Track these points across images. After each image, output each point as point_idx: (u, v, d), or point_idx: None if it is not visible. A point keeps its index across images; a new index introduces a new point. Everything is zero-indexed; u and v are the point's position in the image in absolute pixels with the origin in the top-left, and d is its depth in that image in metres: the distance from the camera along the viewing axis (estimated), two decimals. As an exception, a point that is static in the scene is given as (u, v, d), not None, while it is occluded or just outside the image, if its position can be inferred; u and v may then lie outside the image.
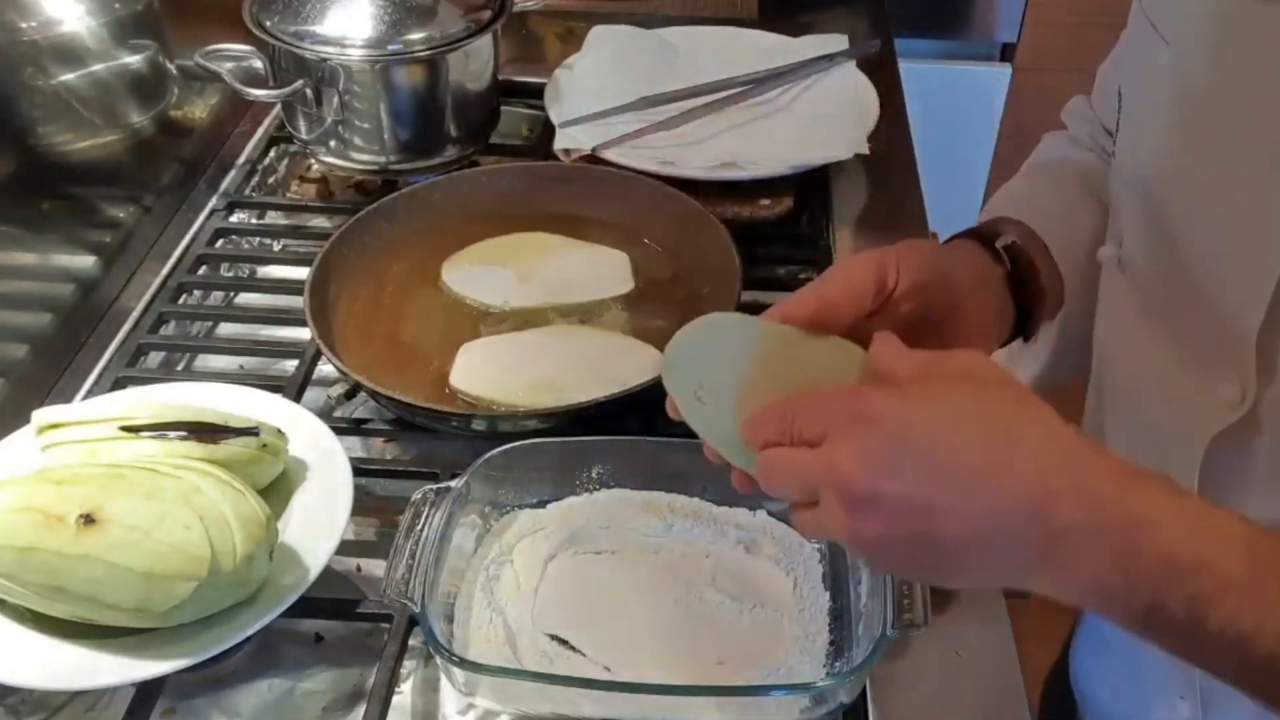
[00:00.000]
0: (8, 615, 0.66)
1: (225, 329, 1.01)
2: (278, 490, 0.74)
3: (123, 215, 1.05)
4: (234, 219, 1.10)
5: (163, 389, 0.82)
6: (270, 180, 1.18)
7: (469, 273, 0.97)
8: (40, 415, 0.75)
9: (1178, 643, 0.49)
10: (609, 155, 1.08)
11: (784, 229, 1.07)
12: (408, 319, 0.94)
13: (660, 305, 0.94)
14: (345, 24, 1.03)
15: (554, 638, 0.69)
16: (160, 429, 0.72)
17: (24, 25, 0.92)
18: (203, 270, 1.04)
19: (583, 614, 0.70)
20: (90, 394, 0.89)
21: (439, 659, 0.64)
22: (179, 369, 0.97)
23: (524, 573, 0.72)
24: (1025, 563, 0.50)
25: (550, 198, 1.04)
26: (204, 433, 0.72)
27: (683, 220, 0.98)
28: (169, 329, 0.98)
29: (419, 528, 0.68)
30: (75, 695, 0.71)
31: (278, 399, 0.82)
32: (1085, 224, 0.80)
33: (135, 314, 0.98)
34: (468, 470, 0.72)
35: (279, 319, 0.98)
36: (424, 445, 0.87)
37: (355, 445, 0.86)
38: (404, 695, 0.70)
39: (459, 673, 0.64)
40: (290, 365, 0.92)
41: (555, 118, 1.14)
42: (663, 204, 1.00)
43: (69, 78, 0.97)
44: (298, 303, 0.89)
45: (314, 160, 1.15)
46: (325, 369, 0.90)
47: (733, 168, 1.07)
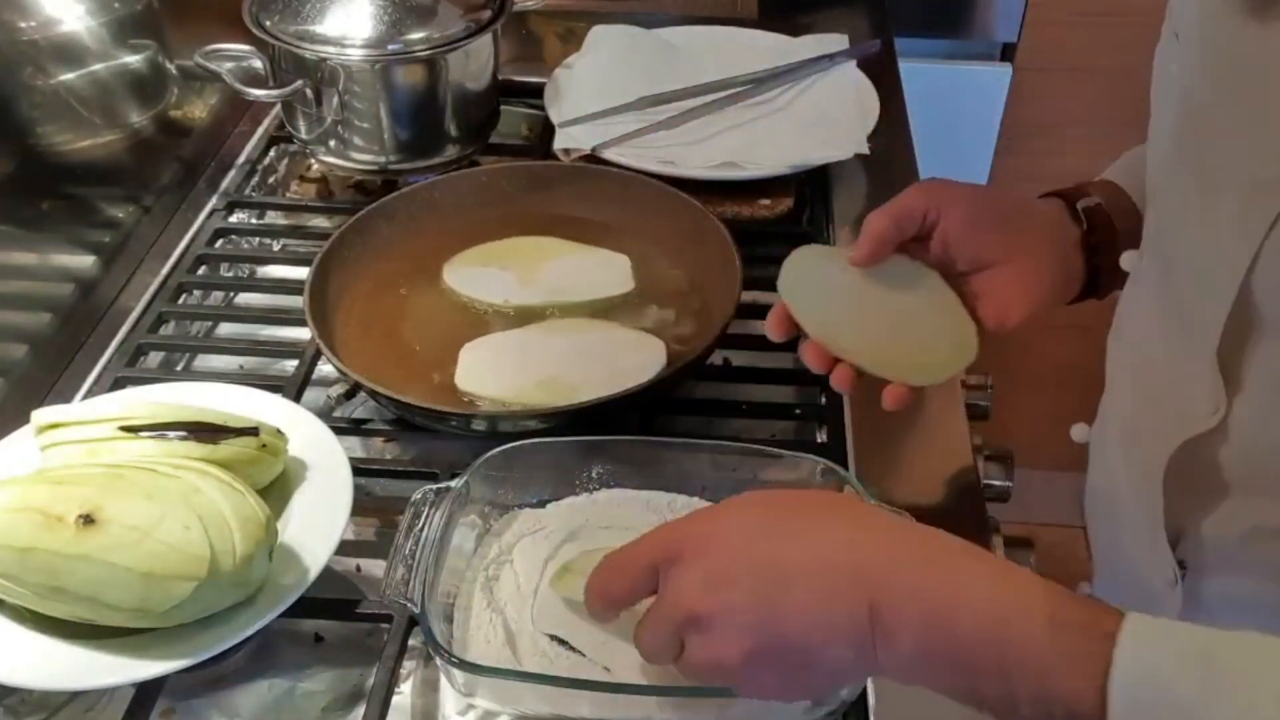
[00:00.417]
0: (8, 615, 0.66)
1: (225, 329, 1.01)
2: (278, 490, 0.74)
3: (122, 215, 1.05)
4: (234, 219, 1.10)
5: (162, 389, 0.82)
6: (270, 180, 1.18)
7: (470, 274, 0.97)
8: (40, 415, 0.75)
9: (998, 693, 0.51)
10: (609, 155, 1.08)
11: (784, 229, 1.07)
12: (408, 319, 0.94)
13: (661, 304, 0.94)
14: (345, 24, 1.03)
15: (554, 638, 0.68)
16: (160, 429, 0.72)
17: (24, 25, 0.92)
18: (203, 270, 1.04)
19: (583, 614, 0.70)
20: (90, 394, 0.89)
21: (438, 659, 0.64)
22: (179, 369, 0.97)
23: (524, 573, 0.72)
24: (861, 642, 0.53)
25: (550, 198, 1.04)
26: (204, 433, 0.72)
27: (683, 220, 0.98)
28: (169, 329, 0.98)
29: (419, 528, 0.68)
30: (75, 695, 0.71)
31: (278, 399, 0.82)
32: None
33: (135, 314, 0.98)
34: (467, 470, 0.72)
35: (279, 319, 0.98)
36: (424, 445, 0.87)
37: (355, 445, 0.86)
38: (404, 695, 0.70)
39: (458, 673, 0.64)
40: (290, 365, 0.92)
41: (555, 117, 1.14)
42: (663, 204, 1.00)
43: (69, 78, 0.97)
44: (298, 303, 0.89)
45: (314, 160, 1.15)
46: (325, 369, 0.90)
47: (733, 168, 1.08)
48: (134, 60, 1.06)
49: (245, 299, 1.05)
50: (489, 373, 0.87)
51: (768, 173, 1.07)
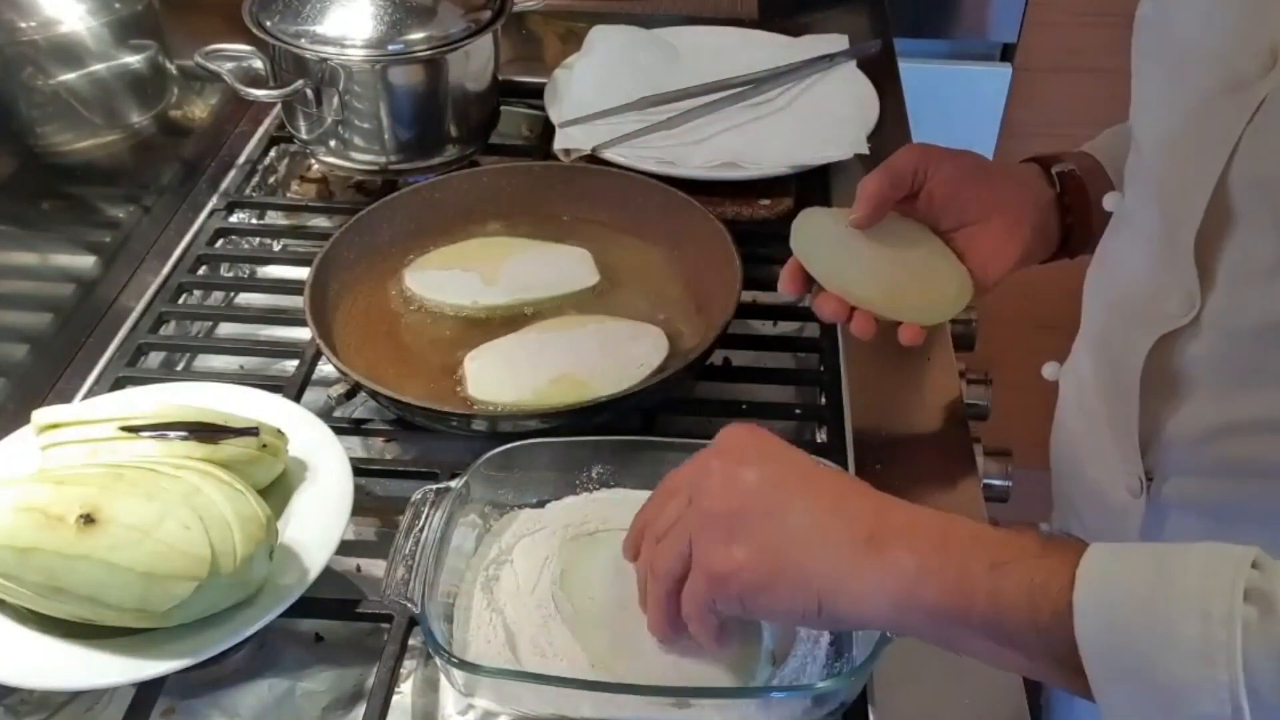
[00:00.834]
0: (8, 615, 0.66)
1: (225, 329, 1.01)
2: (278, 490, 0.74)
3: (123, 215, 1.05)
4: (234, 219, 1.10)
5: (163, 389, 0.82)
6: (270, 180, 1.18)
7: (433, 278, 0.96)
8: (40, 415, 0.75)
9: (981, 620, 0.53)
10: (609, 155, 1.08)
11: (784, 229, 1.06)
12: (407, 319, 0.94)
13: (659, 303, 0.94)
14: (345, 24, 1.03)
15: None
16: (160, 429, 0.72)
17: (24, 25, 0.92)
18: (203, 270, 1.04)
19: (584, 616, 0.70)
20: (90, 394, 0.89)
21: (438, 659, 0.64)
22: (179, 369, 0.97)
23: (524, 573, 0.72)
24: (853, 555, 0.56)
25: (550, 198, 1.04)
26: (204, 433, 0.72)
27: (683, 220, 0.98)
28: (169, 329, 0.98)
29: (419, 528, 0.68)
30: (75, 695, 0.71)
31: (278, 399, 0.82)
32: None
33: (135, 314, 0.98)
34: (467, 470, 0.72)
35: (279, 319, 0.98)
36: (424, 445, 0.87)
37: (355, 445, 0.86)
38: (404, 695, 0.70)
39: (458, 673, 0.64)
40: (290, 365, 0.92)
41: (555, 118, 1.14)
42: (663, 204, 1.00)
43: (69, 78, 0.97)
44: (298, 303, 0.89)
45: (314, 160, 1.15)
46: (325, 369, 0.90)
47: (733, 168, 1.08)
48: (134, 60, 1.06)
49: (245, 299, 1.05)
50: (500, 379, 0.86)
51: (768, 173, 1.07)
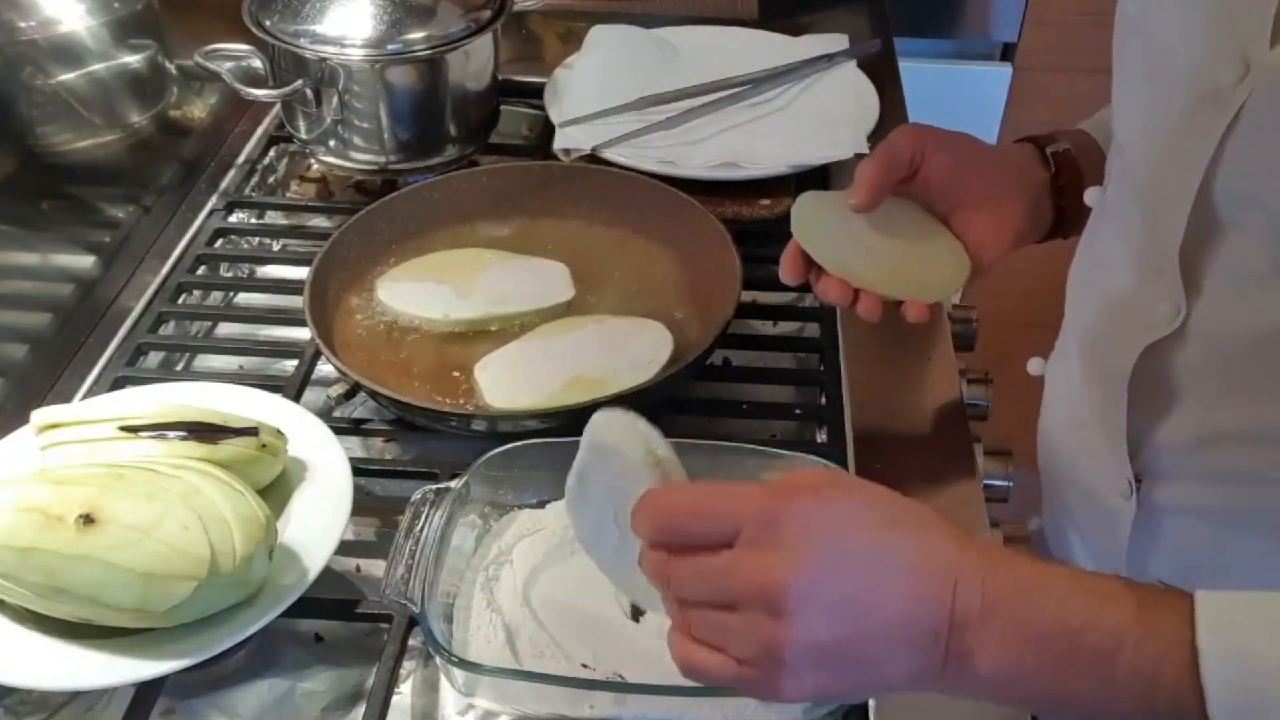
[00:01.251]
0: (8, 615, 0.66)
1: (225, 329, 1.01)
2: (278, 490, 0.74)
3: (122, 215, 1.05)
4: (234, 219, 1.10)
5: (162, 389, 0.82)
6: (270, 180, 1.18)
7: (406, 290, 0.94)
8: (40, 415, 0.75)
9: (1092, 704, 0.50)
10: (609, 155, 1.08)
11: (784, 229, 1.06)
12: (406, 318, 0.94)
13: (659, 303, 0.94)
14: (345, 24, 1.03)
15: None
16: (160, 429, 0.72)
17: (24, 25, 0.92)
18: (202, 270, 1.04)
19: (585, 618, 0.70)
20: (90, 394, 0.89)
21: (438, 659, 0.64)
22: (178, 369, 0.97)
23: (523, 573, 0.72)
24: (930, 662, 0.51)
25: (550, 198, 1.04)
26: (203, 433, 0.72)
27: (683, 220, 0.98)
28: (168, 329, 0.98)
29: (419, 528, 0.68)
30: (75, 695, 0.71)
31: (277, 399, 0.82)
32: None
33: (135, 314, 0.98)
34: (467, 470, 0.72)
35: (279, 319, 0.98)
36: (423, 445, 0.87)
37: (355, 445, 0.86)
38: (404, 695, 0.70)
39: (458, 673, 0.64)
40: (290, 365, 0.92)
41: (555, 117, 1.14)
42: (663, 204, 1.00)
43: (69, 78, 0.97)
44: (298, 303, 0.89)
45: (314, 160, 1.15)
46: (325, 369, 0.90)
47: (733, 168, 1.08)
48: (134, 60, 1.06)
49: (245, 299, 1.05)
50: (514, 387, 0.85)
51: (768, 173, 1.07)
